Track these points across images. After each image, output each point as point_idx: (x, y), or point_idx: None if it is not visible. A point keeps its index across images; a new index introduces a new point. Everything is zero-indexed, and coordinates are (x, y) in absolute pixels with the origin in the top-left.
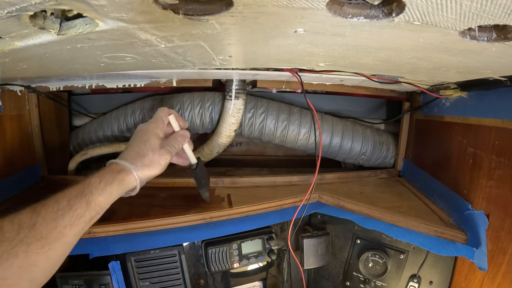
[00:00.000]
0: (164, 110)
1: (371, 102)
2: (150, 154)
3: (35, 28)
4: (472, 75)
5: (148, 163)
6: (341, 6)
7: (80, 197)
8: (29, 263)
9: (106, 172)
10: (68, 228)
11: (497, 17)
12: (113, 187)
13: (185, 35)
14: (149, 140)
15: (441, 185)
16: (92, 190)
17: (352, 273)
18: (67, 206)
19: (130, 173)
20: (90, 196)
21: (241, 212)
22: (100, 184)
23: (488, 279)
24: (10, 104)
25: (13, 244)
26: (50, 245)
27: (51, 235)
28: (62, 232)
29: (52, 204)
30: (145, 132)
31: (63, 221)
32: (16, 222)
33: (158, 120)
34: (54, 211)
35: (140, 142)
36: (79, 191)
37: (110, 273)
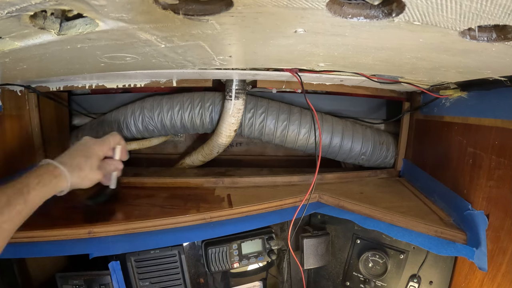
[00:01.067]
0: (116, 137)
1: (371, 102)
2: (87, 170)
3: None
4: (472, 75)
5: (83, 177)
6: (341, 6)
7: (19, 195)
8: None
9: (44, 173)
10: (7, 223)
11: (497, 17)
12: (48, 188)
13: (185, 35)
14: (91, 158)
15: (441, 185)
16: (30, 190)
17: (352, 273)
18: (6, 204)
19: (65, 180)
20: (28, 195)
21: (241, 212)
22: (38, 185)
23: (488, 279)
24: (10, 104)
25: None
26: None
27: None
28: (1, 227)
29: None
30: (90, 149)
31: (2, 217)
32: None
33: (105, 143)
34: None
35: (82, 155)
36: (17, 190)
37: (110, 273)
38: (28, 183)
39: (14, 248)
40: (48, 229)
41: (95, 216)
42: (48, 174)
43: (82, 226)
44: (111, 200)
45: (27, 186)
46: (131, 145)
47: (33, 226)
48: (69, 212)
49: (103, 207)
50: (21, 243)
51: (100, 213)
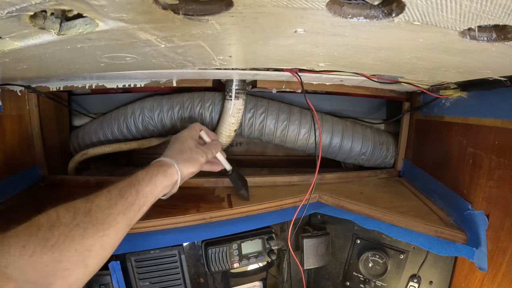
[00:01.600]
0: (198, 124)
1: (371, 102)
2: (188, 151)
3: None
4: (472, 75)
5: (187, 158)
6: (341, 6)
7: (130, 187)
8: (84, 247)
9: (151, 166)
10: (121, 215)
11: (497, 17)
12: (158, 178)
13: (185, 35)
14: (186, 141)
15: (441, 185)
16: (140, 181)
17: (352, 273)
18: (118, 195)
19: (173, 166)
20: (138, 186)
21: (241, 212)
22: (147, 175)
23: (488, 279)
24: (10, 104)
25: (69, 228)
26: (104, 231)
27: (106, 221)
28: (115, 219)
29: (104, 194)
30: (182, 136)
31: (116, 208)
32: (71, 209)
33: (192, 128)
34: (107, 200)
35: (179, 143)
36: (128, 182)
37: (110, 273)
38: (137, 176)
39: None
40: None
41: None
42: (154, 165)
43: None
44: (243, 179)
45: (136, 178)
46: (131, 145)
47: None
48: None
49: None
50: None
51: None
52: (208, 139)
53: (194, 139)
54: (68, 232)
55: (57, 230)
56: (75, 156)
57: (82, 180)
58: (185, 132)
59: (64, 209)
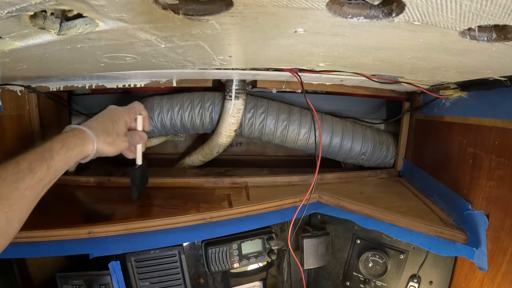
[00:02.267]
0: (140, 106)
1: (371, 102)
2: (114, 135)
3: (35, 28)
4: (472, 75)
5: (110, 142)
6: (341, 6)
7: (41, 161)
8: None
9: (68, 137)
10: (29, 190)
11: (497, 17)
12: (73, 153)
13: (185, 35)
14: (118, 123)
15: (441, 185)
16: (53, 155)
17: (352, 273)
18: (27, 169)
19: (91, 144)
20: (51, 160)
21: (241, 212)
22: (62, 149)
23: (488, 279)
24: (10, 104)
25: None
26: (10, 207)
27: (12, 196)
28: (23, 193)
29: (12, 166)
30: (117, 114)
31: (23, 183)
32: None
33: (131, 110)
34: (14, 173)
35: (110, 121)
36: (40, 155)
37: (110, 273)
38: (52, 148)
39: (14, 248)
40: (48, 229)
41: (95, 216)
42: (73, 137)
43: (82, 226)
44: (144, 180)
45: (50, 151)
46: None
47: (33, 226)
48: (69, 212)
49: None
50: (21, 243)
51: (100, 213)
52: (141, 127)
53: (127, 123)
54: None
55: None
56: None
57: (82, 180)
58: (122, 111)
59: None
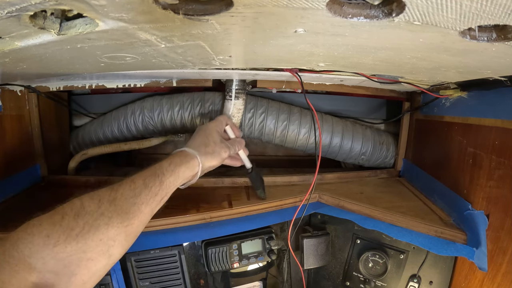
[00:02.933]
0: (225, 117)
1: (371, 102)
2: (212, 144)
3: (35, 28)
4: (472, 75)
5: (210, 151)
6: (341, 6)
7: (154, 177)
8: (109, 237)
9: (174, 156)
10: (145, 205)
11: (497, 17)
12: (181, 169)
13: (185, 35)
14: (211, 134)
15: (441, 185)
16: (164, 171)
17: (352, 273)
18: (143, 185)
19: (195, 157)
20: (162, 176)
21: (241, 212)
22: (170, 166)
23: (488, 279)
24: (10, 104)
25: (94, 217)
26: (129, 220)
27: (130, 211)
28: (139, 208)
29: (128, 183)
30: (207, 128)
31: (140, 198)
32: (96, 198)
33: (219, 121)
34: (131, 189)
35: (203, 135)
36: (152, 172)
37: (110, 273)
38: (161, 166)
39: None
40: None
41: None
42: (178, 156)
43: None
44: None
45: (160, 168)
46: (131, 145)
47: None
48: None
49: None
50: None
51: None
52: (233, 135)
53: (219, 132)
54: (93, 221)
55: (81, 219)
56: (75, 156)
57: (82, 180)
58: (211, 124)
59: (89, 198)
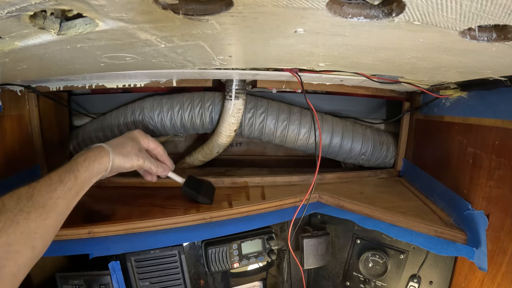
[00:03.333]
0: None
1: (371, 102)
2: (129, 148)
3: (35, 28)
4: (472, 75)
5: (125, 153)
6: (341, 6)
7: (69, 173)
8: (30, 230)
9: (90, 152)
10: (61, 199)
11: (497, 17)
12: (94, 165)
13: (185, 35)
14: (133, 140)
15: (441, 185)
16: (78, 167)
17: (352, 273)
18: (58, 181)
19: (108, 156)
20: (77, 172)
21: (241, 212)
22: (85, 162)
23: (488, 279)
24: (10, 104)
25: (14, 213)
26: (46, 214)
27: (47, 205)
28: (56, 202)
29: (45, 180)
30: (132, 133)
31: (55, 193)
32: (15, 196)
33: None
34: (47, 185)
35: (126, 137)
36: (67, 168)
37: (110, 273)
38: (76, 161)
39: None
40: None
41: (95, 216)
42: (93, 151)
43: (82, 226)
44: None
45: (75, 164)
46: None
47: None
48: None
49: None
50: None
51: (100, 213)
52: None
53: (141, 142)
54: (13, 217)
55: (3, 216)
56: None
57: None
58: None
59: (9, 197)
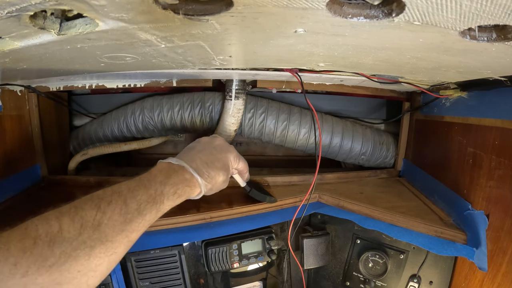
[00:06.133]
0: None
1: (371, 102)
2: (220, 183)
3: (35, 28)
4: (472, 75)
5: (215, 189)
6: (341, 6)
7: (152, 204)
8: (90, 268)
9: (180, 183)
10: (135, 233)
11: (497, 17)
12: (181, 199)
13: (185, 35)
14: (227, 173)
15: (441, 185)
16: (164, 200)
17: (352, 273)
18: (136, 211)
19: (199, 191)
20: (161, 205)
21: (241, 212)
22: (174, 195)
23: (488, 279)
24: (10, 104)
25: (74, 246)
26: (114, 249)
27: (117, 239)
28: (128, 236)
29: (120, 205)
30: (227, 162)
31: (130, 226)
32: (78, 220)
33: (237, 159)
34: (122, 214)
35: (220, 168)
36: (151, 197)
37: (110, 273)
38: (164, 192)
39: None
40: None
41: None
42: (184, 184)
43: None
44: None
45: (161, 195)
46: (131, 145)
47: None
48: None
49: None
50: None
51: None
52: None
53: (229, 171)
54: (71, 251)
55: (58, 248)
56: (75, 156)
57: (82, 180)
58: (232, 159)
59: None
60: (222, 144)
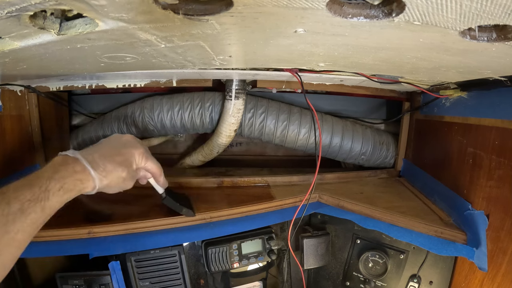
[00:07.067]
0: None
1: (371, 102)
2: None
3: (35, 28)
4: (472, 75)
5: (113, 185)
6: (341, 6)
7: (35, 202)
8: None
9: (68, 176)
10: (20, 233)
11: (497, 17)
12: (71, 194)
13: (185, 35)
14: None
15: (441, 185)
16: (49, 196)
17: (352, 273)
18: (19, 211)
19: (92, 185)
20: (46, 201)
21: (241, 212)
22: (60, 191)
23: (488, 279)
24: (10, 104)
25: None
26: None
27: (1, 241)
28: (13, 238)
29: (2, 206)
30: (130, 155)
31: (14, 226)
32: None
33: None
34: (4, 215)
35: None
36: (34, 195)
37: (110, 273)
38: (48, 188)
39: None
40: (48, 229)
41: (95, 216)
42: (74, 178)
43: (82, 226)
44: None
45: (46, 192)
46: None
47: None
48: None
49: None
50: None
51: (100, 213)
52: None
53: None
54: None
55: None
56: None
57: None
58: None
59: None
60: (130, 140)
